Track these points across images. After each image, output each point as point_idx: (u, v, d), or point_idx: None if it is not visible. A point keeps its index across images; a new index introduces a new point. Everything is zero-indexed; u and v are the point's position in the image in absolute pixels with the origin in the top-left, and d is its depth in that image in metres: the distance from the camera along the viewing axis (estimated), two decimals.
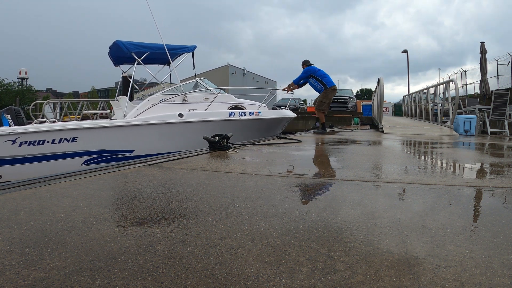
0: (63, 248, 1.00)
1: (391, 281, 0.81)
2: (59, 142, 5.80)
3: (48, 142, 5.72)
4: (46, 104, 9.55)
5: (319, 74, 7.59)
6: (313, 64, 7.85)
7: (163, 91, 7.47)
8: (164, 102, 7.04)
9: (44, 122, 6.44)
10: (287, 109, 9.19)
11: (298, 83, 7.81)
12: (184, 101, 7.33)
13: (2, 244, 1.03)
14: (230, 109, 7.64)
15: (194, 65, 8.59)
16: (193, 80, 8.16)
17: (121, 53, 7.47)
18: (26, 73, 46.47)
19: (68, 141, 5.85)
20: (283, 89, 8.18)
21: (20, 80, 45.02)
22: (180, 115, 6.69)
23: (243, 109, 7.82)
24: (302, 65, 7.96)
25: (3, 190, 1.76)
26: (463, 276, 0.84)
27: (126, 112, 6.76)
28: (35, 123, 6.28)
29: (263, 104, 8.45)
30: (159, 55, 7.64)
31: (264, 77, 50.75)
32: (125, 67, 8.34)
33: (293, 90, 8.18)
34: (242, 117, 7.37)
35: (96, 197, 1.68)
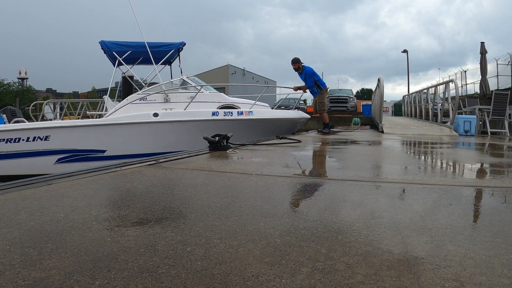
0: (63, 248, 1.00)
1: (391, 281, 0.81)
2: (33, 140, 5.92)
3: (23, 140, 5.87)
4: (46, 104, 9.54)
5: (316, 76, 7.40)
6: (304, 63, 7.47)
7: (143, 90, 7.24)
8: (143, 102, 6.83)
9: (23, 121, 6.44)
10: (295, 109, 8.65)
11: (310, 88, 7.44)
12: (166, 100, 6.99)
13: (2, 244, 1.03)
14: (221, 108, 7.12)
15: (180, 62, 8.31)
16: (179, 78, 7.76)
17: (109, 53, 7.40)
18: (26, 73, 46.50)
19: (41, 139, 5.96)
20: (295, 89, 7.72)
21: (20, 80, 45.05)
22: (155, 115, 6.39)
23: (236, 108, 7.24)
24: (295, 64, 7.38)
25: (3, 190, 1.76)
26: (463, 276, 0.84)
27: (106, 111, 6.77)
28: (14, 122, 6.38)
29: (264, 104, 8.01)
30: (142, 54, 7.36)
31: (264, 77, 50.76)
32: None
33: (300, 91, 7.79)
34: (228, 117, 6.76)
35: (96, 197, 1.68)
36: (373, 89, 16.11)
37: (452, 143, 5.34)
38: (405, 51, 26.95)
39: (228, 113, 6.84)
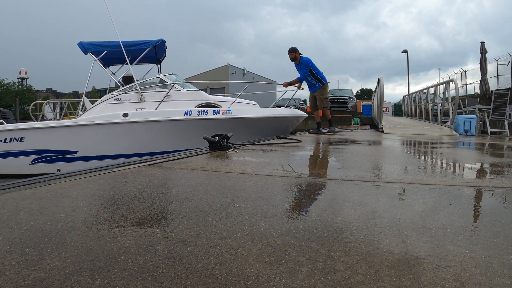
0: (63, 248, 1.00)
1: (391, 281, 0.81)
2: (10, 141, 6.14)
3: (1, 141, 6.11)
4: (46, 104, 9.53)
5: (314, 68, 6.76)
6: (302, 54, 6.81)
7: (118, 90, 7.13)
8: (117, 102, 6.78)
9: (1, 123, 6.56)
10: (289, 107, 8.34)
11: (303, 80, 6.82)
12: (141, 100, 6.84)
13: (2, 244, 1.03)
14: (200, 107, 6.78)
15: (156, 60, 8.11)
16: (156, 77, 7.53)
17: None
18: (26, 73, 46.44)
19: (17, 140, 6.17)
20: (285, 85, 7.14)
21: (20, 80, 45.00)
22: (125, 115, 6.25)
23: (216, 107, 6.82)
24: (291, 53, 6.72)
25: (3, 190, 1.76)
26: (463, 276, 0.84)
27: (81, 112, 6.86)
28: None
29: (251, 102, 7.66)
30: (121, 53, 7.19)
31: (264, 77, 50.73)
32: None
33: (294, 88, 7.25)
34: (202, 117, 6.39)
35: (96, 197, 1.68)
36: (373, 89, 16.12)
37: (452, 143, 5.34)
38: (405, 51, 26.96)
39: (202, 112, 6.44)
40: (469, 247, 1.03)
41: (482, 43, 12.58)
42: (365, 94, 59.23)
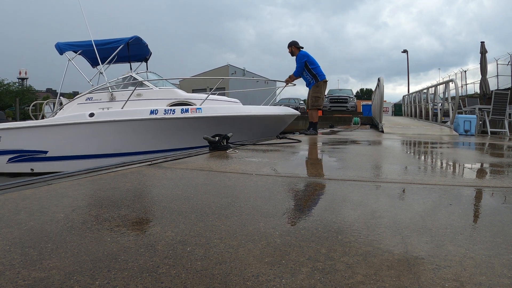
0: (63, 248, 1.00)
1: (391, 281, 0.81)
2: None
3: None
4: (46, 104, 9.54)
5: (311, 62, 6.34)
6: (303, 48, 6.41)
7: (90, 89, 7.13)
8: (89, 102, 6.84)
9: None
10: (273, 105, 7.91)
11: (299, 75, 6.45)
12: (111, 99, 6.81)
13: (2, 244, 1.03)
14: (173, 105, 6.61)
15: (129, 58, 8.09)
16: (128, 75, 7.44)
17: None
18: (26, 73, 46.46)
19: None
20: (286, 82, 6.89)
21: (20, 80, 45.02)
22: (91, 115, 6.21)
23: (190, 105, 6.57)
24: (290, 48, 6.40)
25: (3, 190, 1.76)
26: (463, 276, 0.84)
27: (56, 112, 7.05)
28: None
29: (232, 100, 7.50)
30: (100, 52, 7.13)
31: (264, 77, 50.71)
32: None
33: (294, 82, 6.95)
34: (168, 116, 6.11)
35: (96, 197, 1.68)
36: (373, 89, 16.13)
37: (452, 142, 5.34)
38: (405, 51, 26.96)
39: (169, 111, 6.14)
40: (469, 247, 1.03)
41: (482, 43, 12.59)
42: (365, 94, 59.22)
